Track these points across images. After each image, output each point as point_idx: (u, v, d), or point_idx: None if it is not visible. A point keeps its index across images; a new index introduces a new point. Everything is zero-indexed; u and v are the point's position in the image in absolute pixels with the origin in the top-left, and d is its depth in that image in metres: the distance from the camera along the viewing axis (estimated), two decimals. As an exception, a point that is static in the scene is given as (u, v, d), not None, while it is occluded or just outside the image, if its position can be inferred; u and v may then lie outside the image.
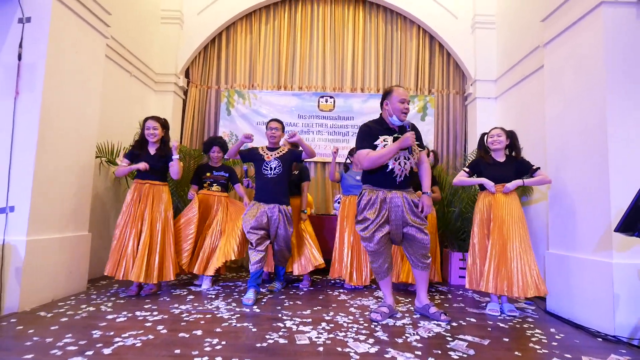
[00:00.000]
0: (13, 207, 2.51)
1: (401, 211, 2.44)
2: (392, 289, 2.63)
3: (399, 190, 2.48)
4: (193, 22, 4.93)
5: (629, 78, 2.42)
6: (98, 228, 3.57)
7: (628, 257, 2.30)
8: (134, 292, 2.91)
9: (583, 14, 2.62)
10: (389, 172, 2.45)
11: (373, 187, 2.50)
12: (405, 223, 2.45)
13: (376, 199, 2.45)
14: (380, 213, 2.44)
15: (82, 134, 3.03)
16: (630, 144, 2.37)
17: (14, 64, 2.60)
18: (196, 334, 2.06)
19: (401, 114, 2.45)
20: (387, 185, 2.47)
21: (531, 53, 3.74)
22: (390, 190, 2.47)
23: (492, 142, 2.81)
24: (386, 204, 2.45)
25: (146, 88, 4.55)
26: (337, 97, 5.00)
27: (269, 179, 2.97)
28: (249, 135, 2.87)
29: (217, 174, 3.49)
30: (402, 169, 2.44)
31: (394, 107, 2.45)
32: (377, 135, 2.48)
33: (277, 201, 2.97)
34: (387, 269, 2.55)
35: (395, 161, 2.43)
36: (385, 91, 2.54)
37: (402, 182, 2.47)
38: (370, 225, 2.44)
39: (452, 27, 4.85)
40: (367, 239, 2.48)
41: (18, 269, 2.43)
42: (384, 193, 2.46)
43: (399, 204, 2.44)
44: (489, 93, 4.60)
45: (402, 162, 2.45)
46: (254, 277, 2.91)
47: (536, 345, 2.06)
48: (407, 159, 2.46)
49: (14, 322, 2.19)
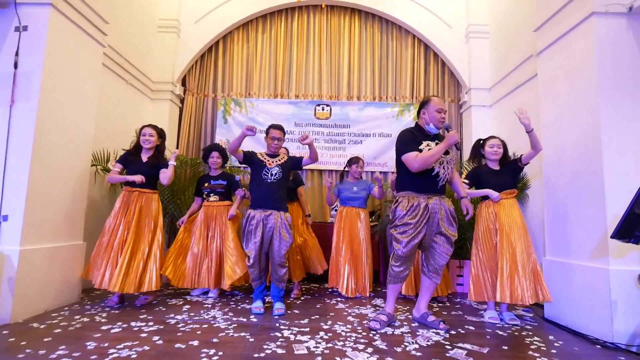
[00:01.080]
0: (7, 217, 2.48)
1: (438, 218, 2.46)
2: (396, 298, 2.62)
3: (439, 195, 2.52)
4: (190, 31, 4.96)
5: (620, 86, 2.46)
6: (93, 237, 3.52)
7: (625, 263, 2.31)
8: (114, 302, 2.85)
9: (575, 24, 2.67)
10: (434, 176, 2.47)
11: (414, 194, 2.49)
12: (438, 230, 2.48)
13: (418, 205, 2.45)
14: (421, 219, 2.44)
15: (77, 142, 3.01)
16: (624, 151, 2.40)
17: (10, 73, 2.59)
18: (193, 344, 2.03)
19: (438, 123, 2.52)
20: (430, 190, 2.49)
21: (524, 62, 3.79)
22: (431, 197, 2.49)
23: (492, 153, 2.83)
24: (428, 210, 2.46)
25: (143, 96, 4.54)
26: (333, 105, 5.03)
27: (269, 184, 2.84)
28: (251, 127, 2.64)
29: (214, 183, 3.43)
30: (445, 173, 2.48)
31: (432, 116, 2.52)
32: (420, 141, 2.52)
33: (275, 207, 2.81)
34: (405, 276, 2.54)
35: (440, 165, 2.46)
36: (423, 101, 2.60)
37: (442, 187, 2.52)
38: (410, 230, 2.43)
39: (446, 37, 4.92)
40: (402, 243, 2.44)
41: (11, 279, 2.39)
42: (425, 199, 2.47)
43: (437, 210, 2.47)
44: (483, 101, 4.65)
45: (445, 166, 2.48)
46: (258, 291, 2.88)
47: (535, 353, 2.06)
48: (449, 163, 2.50)
49: (6, 334, 2.14)
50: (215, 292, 3.31)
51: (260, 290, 2.88)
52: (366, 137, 4.95)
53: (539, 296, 2.55)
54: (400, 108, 4.96)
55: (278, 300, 2.83)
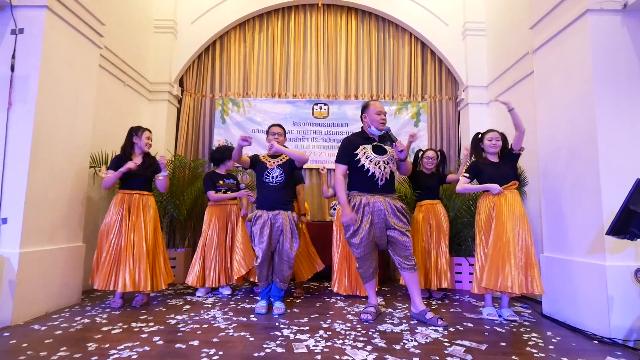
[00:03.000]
0: (6, 219, 2.49)
1: (383, 215, 2.55)
2: (375, 290, 2.79)
3: (381, 194, 2.61)
4: (187, 31, 4.96)
5: (615, 83, 2.47)
6: (92, 239, 3.54)
7: (621, 259, 2.33)
8: (119, 304, 2.86)
9: (570, 21, 2.68)
10: (370, 177, 2.59)
11: (357, 193, 2.65)
12: (387, 226, 2.57)
13: (360, 204, 2.59)
14: (363, 218, 2.57)
15: (75, 144, 3.01)
16: (619, 147, 2.41)
17: (7, 75, 2.59)
18: (193, 344, 2.05)
19: (379, 125, 2.65)
20: (370, 189, 2.61)
21: (521, 59, 3.80)
22: (372, 195, 2.60)
23: (491, 146, 2.84)
24: (369, 207, 2.57)
25: (140, 97, 4.54)
26: (331, 104, 5.04)
27: (271, 187, 2.82)
28: (246, 137, 2.59)
29: (228, 182, 3.54)
30: (382, 173, 2.59)
31: (372, 119, 2.66)
32: (357, 145, 2.67)
33: (281, 208, 2.80)
34: (372, 273, 2.71)
35: (375, 165, 2.58)
36: (363, 105, 2.76)
37: (383, 186, 2.61)
38: (358, 230, 2.58)
39: (443, 34, 4.93)
40: (354, 245, 2.62)
41: (11, 281, 2.40)
42: (367, 198, 2.59)
43: (381, 207, 2.56)
44: (480, 98, 4.67)
45: (381, 165, 2.59)
46: (264, 292, 2.89)
47: (533, 349, 2.08)
48: (386, 163, 2.62)
49: (7, 336, 2.15)
50: (227, 288, 3.44)
51: (266, 291, 2.88)
52: (364, 136, 4.95)
53: (529, 288, 2.54)
54: (398, 106, 4.97)
55: (278, 299, 2.84)
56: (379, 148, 2.67)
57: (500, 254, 2.59)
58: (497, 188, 2.70)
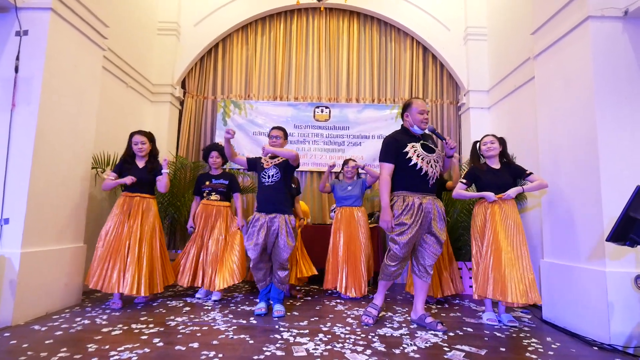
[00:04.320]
0: (8, 220, 2.50)
1: (431, 218, 2.51)
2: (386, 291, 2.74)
3: (431, 195, 2.57)
4: (190, 34, 4.98)
5: (616, 89, 2.48)
6: (93, 239, 3.54)
7: (621, 265, 2.33)
8: (119, 305, 2.87)
9: (571, 27, 2.70)
10: (423, 175, 2.52)
11: (408, 193, 2.53)
12: (429, 230, 2.53)
13: (413, 204, 2.49)
14: (416, 218, 2.48)
15: (78, 145, 3.03)
16: (620, 153, 2.42)
17: (11, 77, 2.61)
18: (193, 346, 2.05)
19: (421, 124, 2.57)
20: (422, 189, 2.54)
21: (522, 64, 3.81)
22: (424, 196, 2.54)
23: (486, 150, 2.84)
24: (421, 209, 2.50)
25: (143, 99, 4.56)
26: (332, 107, 5.05)
27: (267, 187, 2.84)
28: (228, 130, 2.70)
29: (215, 182, 3.40)
30: (434, 171, 2.54)
31: (414, 118, 2.58)
32: (405, 143, 2.56)
33: (278, 210, 2.80)
34: (398, 274, 2.59)
35: (427, 164, 2.52)
36: (405, 103, 2.66)
37: (433, 186, 2.57)
38: (407, 229, 2.46)
39: (444, 39, 4.95)
40: (400, 244, 2.48)
41: (12, 281, 2.41)
42: (420, 198, 2.52)
43: (430, 209, 2.52)
44: (481, 103, 4.68)
45: (433, 164, 2.54)
46: (263, 293, 2.89)
47: (533, 354, 2.07)
48: (436, 162, 2.57)
49: (8, 337, 2.16)
50: (217, 294, 3.25)
51: (265, 292, 2.89)
52: (365, 139, 4.97)
53: (524, 297, 2.50)
54: (399, 110, 4.98)
55: (278, 302, 2.84)
56: (428, 146, 2.59)
57: (493, 262, 2.60)
58: (492, 196, 2.70)
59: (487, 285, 2.59)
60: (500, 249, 2.60)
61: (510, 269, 2.55)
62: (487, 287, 2.59)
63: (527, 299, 2.50)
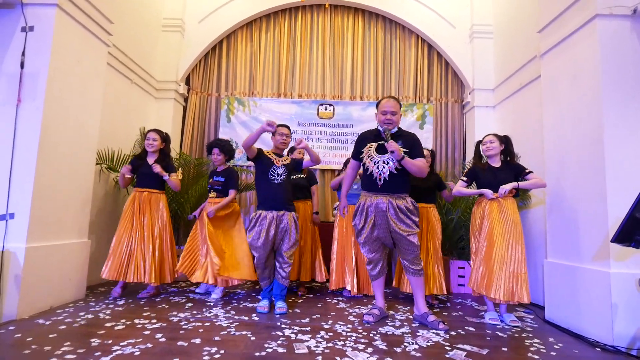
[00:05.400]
0: (13, 214, 2.52)
1: (385, 216, 2.54)
2: (383, 292, 2.78)
3: (384, 194, 2.57)
4: (194, 30, 4.98)
5: (624, 89, 2.45)
6: (98, 235, 3.57)
7: (626, 266, 2.31)
8: (118, 292, 3.07)
9: (578, 26, 2.66)
10: (370, 175, 2.60)
11: (365, 192, 2.66)
12: (390, 228, 2.56)
13: (363, 204, 2.61)
14: (367, 218, 2.58)
15: (82, 141, 3.05)
16: (626, 154, 2.39)
17: (17, 72, 2.62)
18: (195, 342, 2.06)
19: (383, 124, 2.62)
20: (372, 189, 2.60)
21: (528, 63, 3.78)
22: (376, 195, 2.58)
23: (486, 149, 2.85)
24: (372, 208, 2.57)
25: (147, 95, 4.57)
26: (336, 104, 5.04)
27: (277, 185, 2.82)
28: (272, 123, 2.62)
29: (215, 179, 3.38)
30: (379, 172, 2.56)
31: (379, 117, 2.66)
32: (366, 143, 2.68)
33: (286, 208, 2.82)
34: (378, 272, 2.72)
35: (374, 164, 2.57)
36: (377, 103, 2.74)
37: (383, 186, 2.55)
38: (362, 230, 2.61)
39: (450, 37, 4.91)
40: (360, 244, 2.69)
41: (17, 276, 2.43)
42: (371, 198, 2.59)
43: (383, 208, 2.54)
44: (487, 102, 4.64)
45: (380, 165, 2.56)
46: (266, 291, 2.90)
47: (535, 355, 2.07)
48: (386, 163, 2.55)
49: (12, 330, 2.18)
50: (218, 292, 3.21)
51: (268, 290, 2.90)
52: (369, 137, 4.95)
53: (516, 296, 2.51)
54: (403, 108, 4.95)
55: (280, 299, 2.84)
56: (383, 147, 2.58)
57: (487, 260, 2.61)
58: (490, 194, 2.70)
59: (480, 281, 2.62)
60: (494, 244, 2.61)
61: (500, 266, 2.56)
62: (479, 283, 2.63)
63: (511, 297, 2.51)
